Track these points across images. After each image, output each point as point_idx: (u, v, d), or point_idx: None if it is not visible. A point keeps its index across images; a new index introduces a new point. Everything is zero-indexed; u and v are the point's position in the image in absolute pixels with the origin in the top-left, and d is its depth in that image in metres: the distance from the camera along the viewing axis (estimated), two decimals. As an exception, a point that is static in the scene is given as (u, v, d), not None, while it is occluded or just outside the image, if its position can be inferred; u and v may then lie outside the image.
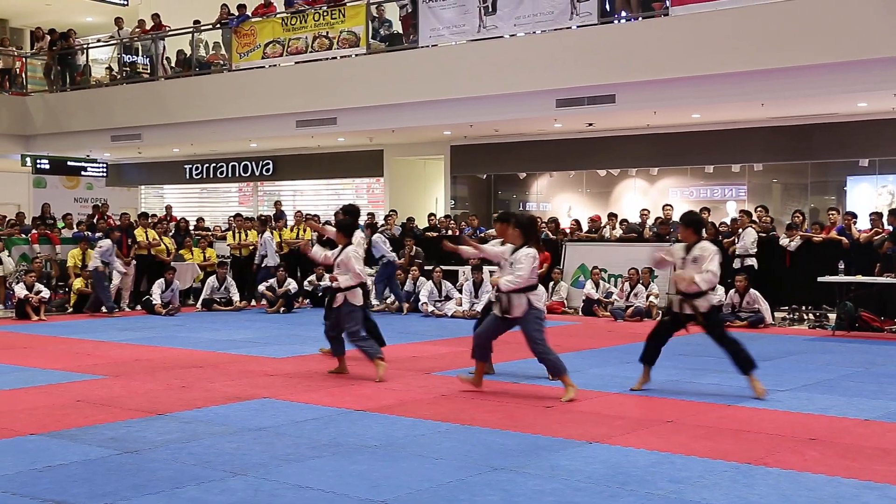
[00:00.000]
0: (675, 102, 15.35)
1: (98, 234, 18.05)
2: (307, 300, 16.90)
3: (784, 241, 14.32)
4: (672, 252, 8.41)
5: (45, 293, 15.23)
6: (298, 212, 19.71)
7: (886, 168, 16.82)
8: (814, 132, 16.84)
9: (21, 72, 23.49)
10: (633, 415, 7.30)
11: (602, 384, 8.65)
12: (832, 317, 13.49)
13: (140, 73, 21.97)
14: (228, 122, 19.91)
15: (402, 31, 17.97)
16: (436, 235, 17.76)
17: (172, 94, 20.67)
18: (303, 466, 5.72)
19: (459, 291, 15.60)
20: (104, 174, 25.29)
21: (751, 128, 17.26)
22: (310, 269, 17.10)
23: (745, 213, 14.91)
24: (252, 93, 19.16)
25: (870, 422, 7.07)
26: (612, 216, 17.00)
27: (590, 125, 17.95)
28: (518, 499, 5.05)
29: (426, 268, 16.17)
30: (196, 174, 25.05)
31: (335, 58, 18.42)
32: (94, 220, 19.39)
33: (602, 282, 15.51)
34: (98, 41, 23.76)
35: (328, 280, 9.62)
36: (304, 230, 18.24)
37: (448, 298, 15.55)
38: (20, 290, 14.96)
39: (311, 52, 18.63)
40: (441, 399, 7.98)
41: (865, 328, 12.98)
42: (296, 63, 19.05)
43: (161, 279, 15.90)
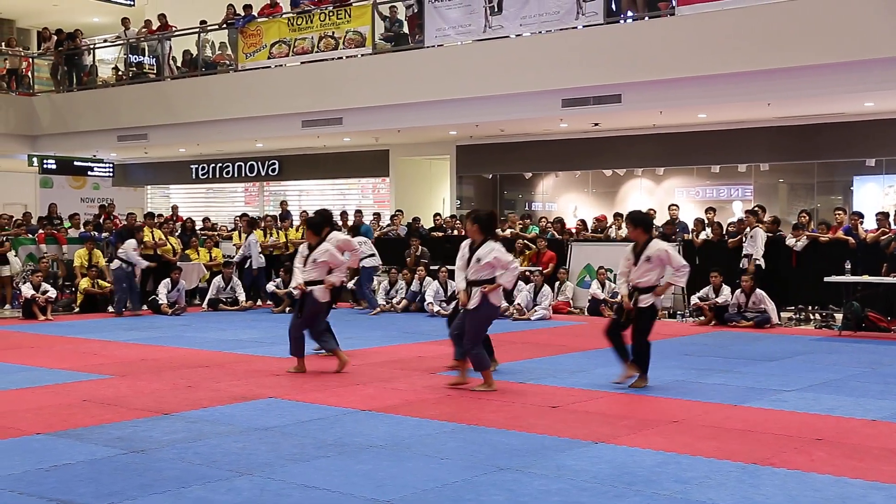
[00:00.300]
0: (682, 102, 15.32)
1: (104, 234, 18.12)
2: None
3: (790, 241, 14.29)
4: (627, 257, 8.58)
5: (52, 293, 15.27)
6: (304, 212, 19.71)
7: (893, 168, 16.77)
8: (820, 132, 16.80)
9: (27, 72, 23.55)
10: (639, 415, 7.29)
11: (608, 384, 8.63)
12: (839, 317, 13.47)
13: (146, 74, 22.01)
14: (234, 123, 19.93)
15: (408, 31, 17.98)
16: (441, 235, 17.78)
17: (178, 95, 20.70)
18: (308, 466, 5.72)
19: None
20: (111, 174, 25.37)
21: (757, 128, 17.23)
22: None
23: (752, 213, 14.89)
24: (258, 93, 19.18)
25: (876, 422, 7.05)
26: (618, 216, 16.97)
27: (596, 125, 17.93)
28: (524, 498, 5.05)
29: (432, 268, 16.17)
30: (202, 174, 25.09)
31: (341, 58, 18.43)
32: (101, 220, 19.43)
33: (608, 282, 15.48)
34: (104, 41, 23.82)
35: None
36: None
37: (454, 298, 15.52)
38: (27, 290, 15.00)
39: (317, 53, 18.64)
40: (446, 399, 7.98)
41: (872, 328, 12.94)
42: (302, 63, 19.07)
43: (167, 279, 15.92)
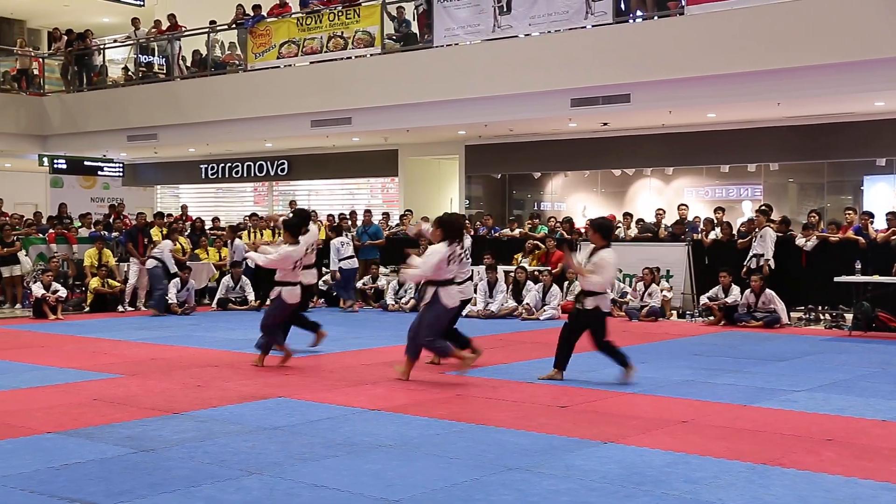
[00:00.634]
0: (691, 102, 15.30)
1: (114, 234, 18.17)
2: (322, 300, 16.92)
3: (800, 241, 14.25)
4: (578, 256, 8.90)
5: (62, 292, 15.33)
6: (313, 211, 19.72)
7: (904, 167, 16.73)
8: (830, 131, 16.75)
9: (39, 72, 23.63)
10: (648, 415, 7.28)
11: (617, 384, 8.63)
12: (849, 317, 13.41)
13: (156, 74, 22.07)
14: (244, 122, 19.97)
15: (417, 31, 17.99)
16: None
17: (188, 95, 20.75)
18: (318, 465, 5.73)
19: (474, 291, 15.57)
20: (121, 174, 25.45)
21: (767, 127, 17.19)
22: (324, 269, 17.15)
23: (762, 213, 14.85)
24: (267, 93, 19.21)
25: (887, 422, 7.02)
26: (627, 216, 16.96)
27: (605, 125, 17.92)
28: (533, 498, 5.05)
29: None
30: (211, 174, 25.14)
31: (350, 58, 18.45)
32: (111, 220, 19.49)
33: (617, 282, 15.46)
34: (114, 41, 23.90)
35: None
36: (318, 230, 18.25)
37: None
38: (37, 290, 15.06)
39: (326, 52, 18.66)
40: (455, 398, 7.98)
41: (882, 328, 12.89)
42: (311, 63, 19.10)
43: (176, 279, 15.96)
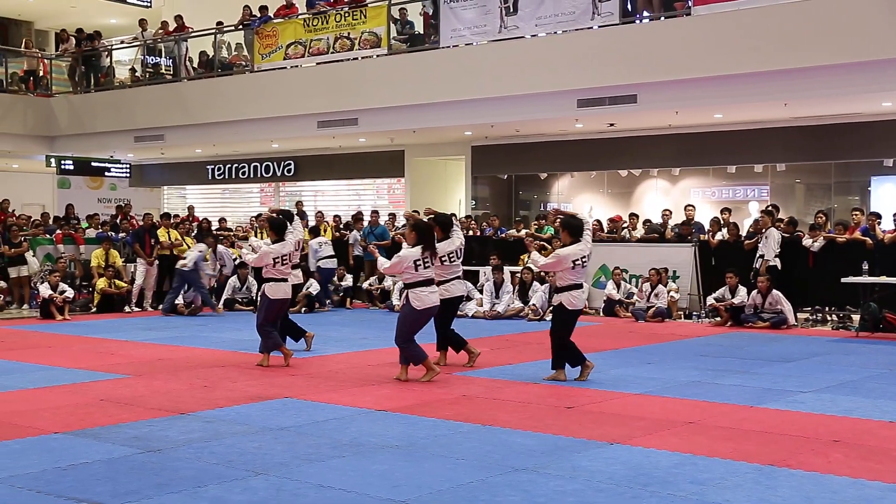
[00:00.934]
0: (697, 102, 15.27)
1: (121, 235, 18.21)
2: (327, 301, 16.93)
3: (807, 242, 14.22)
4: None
5: (70, 293, 15.37)
6: (319, 212, 19.77)
7: (911, 168, 16.66)
8: (837, 132, 16.70)
9: (45, 73, 23.67)
10: (655, 416, 7.27)
11: (623, 385, 8.62)
12: (856, 318, 13.38)
13: (163, 75, 22.11)
14: (250, 123, 19.99)
15: (423, 32, 18.00)
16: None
17: (195, 95, 20.78)
18: (324, 466, 5.73)
19: (480, 292, 15.61)
20: (128, 175, 25.50)
21: (773, 128, 17.14)
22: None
23: (767, 213, 14.83)
24: (274, 94, 19.23)
25: (894, 424, 7.01)
26: (634, 216, 16.95)
27: (611, 125, 17.90)
28: (539, 499, 5.05)
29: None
30: (218, 175, 25.17)
31: (356, 58, 18.45)
32: (118, 221, 19.54)
33: (623, 282, 15.46)
34: (122, 43, 23.94)
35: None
36: (325, 230, 18.31)
37: (469, 299, 15.53)
38: (45, 290, 15.10)
39: (333, 53, 18.67)
40: (462, 399, 7.98)
41: (890, 329, 12.85)
42: (317, 64, 19.11)
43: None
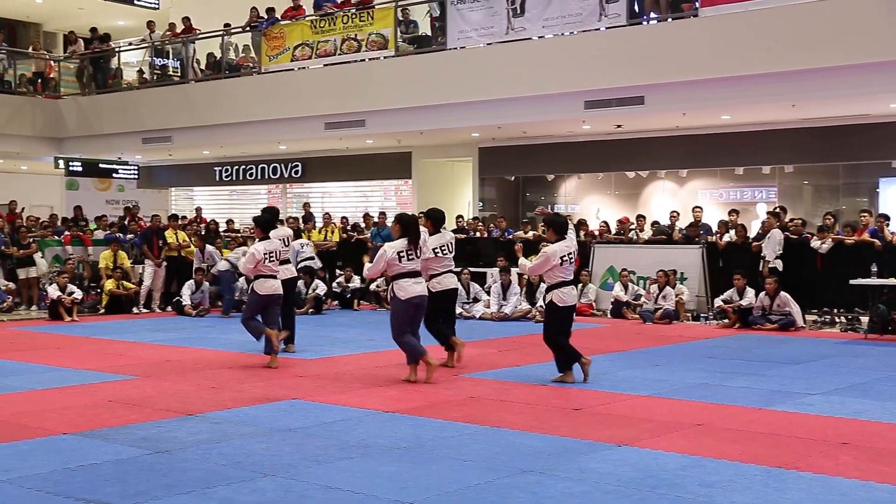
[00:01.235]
0: (705, 104, 15.25)
1: (129, 236, 18.25)
2: (335, 301, 16.94)
3: (815, 244, 14.18)
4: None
5: (78, 294, 15.40)
6: (326, 214, 19.79)
7: (920, 169, 16.62)
8: (845, 133, 16.65)
9: (50, 74, 23.70)
10: (662, 417, 7.26)
11: (631, 387, 8.62)
12: (864, 320, 13.34)
13: (171, 76, 22.15)
14: (257, 125, 20.02)
15: (430, 32, 18.00)
16: (464, 237, 17.79)
17: (202, 97, 20.82)
18: (332, 467, 5.74)
19: (487, 293, 15.60)
20: (136, 176, 25.57)
21: (781, 129, 17.10)
22: (338, 271, 17.22)
23: (773, 215, 14.80)
24: (281, 95, 19.26)
25: (903, 426, 6.99)
26: (641, 218, 16.93)
27: (618, 127, 17.88)
28: (547, 501, 5.04)
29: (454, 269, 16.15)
30: (225, 176, 25.21)
31: (364, 60, 18.47)
32: (126, 222, 19.58)
33: (631, 284, 15.45)
34: (129, 44, 24.01)
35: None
36: (332, 232, 18.33)
37: (476, 300, 15.55)
38: (53, 291, 15.13)
39: (340, 55, 18.68)
40: (470, 401, 7.98)
41: (898, 331, 12.82)
42: (324, 65, 19.13)
43: (191, 280, 16.01)
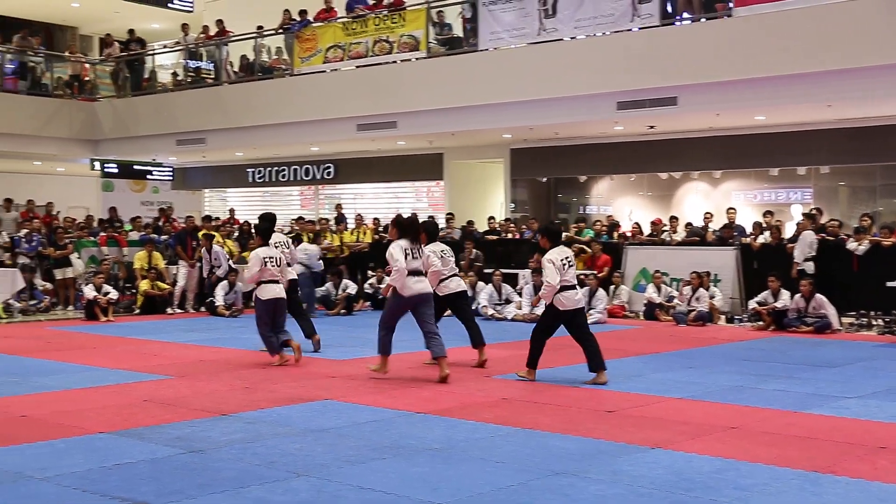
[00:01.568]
0: (739, 104, 15.11)
1: (163, 237, 18.41)
2: (367, 302, 16.98)
3: (851, 245, 14.03)
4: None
5: (113, 294, 15.57)
6: (359, 215, 19.86)
7: (959, 170, 16.38)
8: (883, 134, 16.42)
9: (86, 77, 23.94)
10: (696, 420, 7.21)
11: (664, 389, 8.56)
12: (902, 322, 13.19)
13: (204, 78, 22.33)
14: (290, 127, 20.12)
15: (462, 34, 18.00)
16: (496, 239, 17.79)
17: (235, 99, 20.96)
18: (365, 468, 5.76)
19: (519, 294, 15.58)
20: (170, 178, 25.81)
21: (817, 129, 16.90)
22: (369, 272, 17.26)
23: (808, 217, 14.66)
24: (313, 97, 19.34)
25: (942, 430, 6.89)
26: (674, 219, 16.83)
27: (651, 128, 17.78)
28: (580, 503, 5.02)
29: (486, 271, 16.16)
30: (258, 178, 25.36)
31: (395, 62, 18.51)
32: (160, 224, 19.75)
33: (664, 286, 15.35)
34: (164, 47, 24.24)
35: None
36: (364, 233, 18.39)
37: (508, 302, 15.53)
38: (89, 292, 15.31)
39: (372, 57, 18.73)
40: (502, 402, 7.97)
41: (937, 334, 12.66)
42: (356, 67, 19.17)
43: (224, 281, 16.12)
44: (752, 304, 14.16)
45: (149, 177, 25.36)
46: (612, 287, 15.74)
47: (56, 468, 5.70)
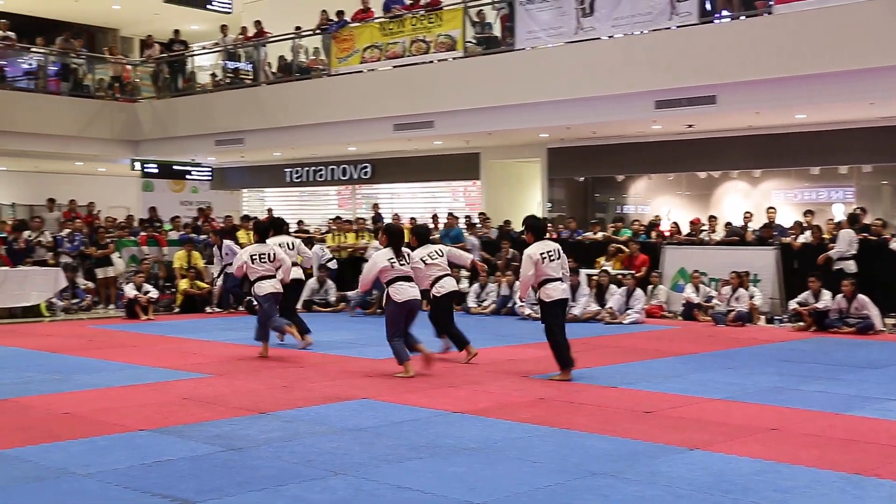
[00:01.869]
0: (779, 103, 14.95)
1: (203, 237, 18.58)
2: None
3: (895, 245, 13.82)
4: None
5: (154, 293, 15.74)
6: (395, 214, 19.89)
7: None
8: (927, 132, 16.19)
9: (127, 78, 24.23)
10: (735, 421, 7.14)
11: (703, 390, 8.49)
12: (946, 323, 12.98)
13: (242, 79, 22.51)
14: (327, 126, 20.22)
15: (500, 34, 17.97)
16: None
17: (273, 100, 21.11)
18: (402, 467, 5.77)
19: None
20: (209, 178, 26.04)
21: (859, 128, 16.67)
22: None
23: (851, 218, 14.46)
24: (350, 97, 19.42)
25: None
26: (713, 219, 16.68)
27: (690, 127, 17.64)
28: (618, 505, 5.00)
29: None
30: (296, 177, 25.51)
31: (432, 61, 18.53)
32: (199, 223, 19.94)
33: (702, 286, 15.22)
34: (203, 48, 24.47)
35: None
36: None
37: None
38: (129, 291, 15.50)
39: (409, 56, 18.77)
40: (539, 402, 7.95)
41: (982, 336, 12.43)
42: (393, 67, 19.23)
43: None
44: (793, 305, 14.00)
45: (188, 177, 25.61)
46: (651, 287, 15.63)
47: (98, 465, 5.77)
